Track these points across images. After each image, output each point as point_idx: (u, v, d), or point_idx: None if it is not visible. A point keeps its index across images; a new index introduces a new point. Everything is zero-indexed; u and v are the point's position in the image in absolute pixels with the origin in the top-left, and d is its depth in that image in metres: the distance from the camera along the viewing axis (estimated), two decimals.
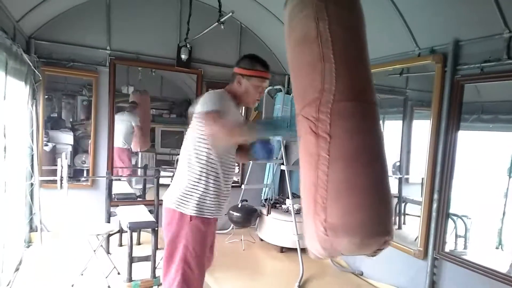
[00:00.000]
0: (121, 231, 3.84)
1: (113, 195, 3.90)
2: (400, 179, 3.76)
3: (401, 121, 3.77)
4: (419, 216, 3.01)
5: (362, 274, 3.63)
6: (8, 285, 2.84)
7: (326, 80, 1.37)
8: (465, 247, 2.95)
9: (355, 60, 1.43)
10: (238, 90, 1.97)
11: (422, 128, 3.10)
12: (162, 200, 2.06)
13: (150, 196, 4.29)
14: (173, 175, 2.19)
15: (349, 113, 1.36)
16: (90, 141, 4.19)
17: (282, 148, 4.09)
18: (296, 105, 1.51)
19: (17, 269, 3.16)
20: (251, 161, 4.42)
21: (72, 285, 2.98)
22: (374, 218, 1.33)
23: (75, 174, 4.53)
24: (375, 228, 1.33)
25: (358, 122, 1.37)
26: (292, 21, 1.51)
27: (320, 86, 1.38)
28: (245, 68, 1.95)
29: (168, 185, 2.09)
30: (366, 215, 1.31)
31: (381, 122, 1.53)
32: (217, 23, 3.34)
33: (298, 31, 1.47)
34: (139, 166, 4.98)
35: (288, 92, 4.65)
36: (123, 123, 4.64)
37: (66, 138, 4.51)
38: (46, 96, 4.03)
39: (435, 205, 2.86)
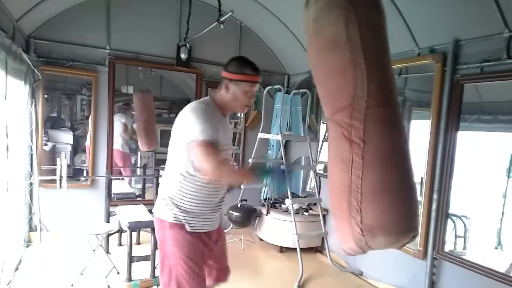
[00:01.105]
0: (120, 230, 3.84)
1: (113, 195, 3.90)
2: None
3: None
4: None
5: (361, 274, 3.63)
6: (8, 284, 2.84)
7: (357, 86, 1.37)
8: (464, 247, 2.95)
9: (383, 63, 1.43)
10: (225, 96, 1.83)
11: (421, 129, 3.09)
12: None
13: (149, 195, 4.30)
14: None
15: (381, 118, 1.39)
16: (89, 139, 4.18)
17: (282, 148, 4.09)
18: (325, 109, 1.52)
19: (16, 269, 3.16)
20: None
21: (72, 285, 2.98)
22: (405, 216, 1.41)
23: (75, 174, 4.53)
24: (407, 225, 1.41)
25: (389, 126, 1.41)
26: (320, 21, 1.46)
27: (351, 92, 1.37)
28: (232, 72, 1.80)
29: None
30: (399, 214, 1.39)
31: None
32: (216, 22, 3.33)
33: (327, 34, 1.43)
34: (139, 165, 4.97)
35: (288, 92, 4.65)
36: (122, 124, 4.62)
37: (65, 138, 4.50)
38: (46, 96, 4.03)
39: (434, 205, 2.87)
